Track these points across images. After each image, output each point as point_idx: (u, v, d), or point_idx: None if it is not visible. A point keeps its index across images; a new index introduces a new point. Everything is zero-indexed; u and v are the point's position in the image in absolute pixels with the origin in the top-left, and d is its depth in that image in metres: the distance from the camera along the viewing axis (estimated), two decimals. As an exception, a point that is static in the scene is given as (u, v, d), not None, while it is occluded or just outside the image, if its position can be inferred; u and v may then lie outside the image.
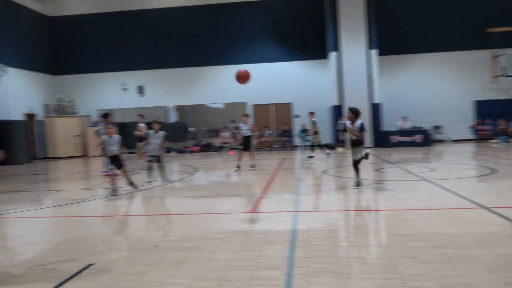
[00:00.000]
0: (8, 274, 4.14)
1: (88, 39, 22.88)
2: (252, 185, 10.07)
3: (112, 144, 8.65)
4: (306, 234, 5.09)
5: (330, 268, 3.91)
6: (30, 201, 8.97)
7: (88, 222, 6.64)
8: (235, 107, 22.21)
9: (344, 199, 7.70)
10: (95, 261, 4.39)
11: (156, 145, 10.54)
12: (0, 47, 18.72)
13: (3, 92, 18.78)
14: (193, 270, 3.99)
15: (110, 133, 8.67)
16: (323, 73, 21.63)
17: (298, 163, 14.72)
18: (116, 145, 8.70)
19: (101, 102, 22.85)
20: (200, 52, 22.39)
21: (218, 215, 6.54)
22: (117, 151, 8.71)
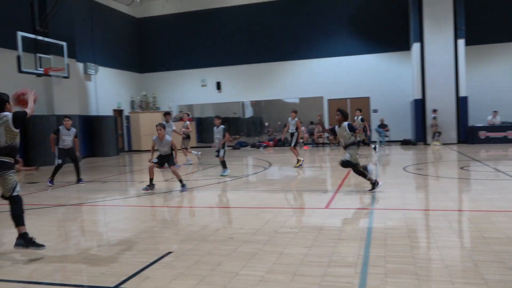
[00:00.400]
0: (95, 257, 4.47)
1: (171, 38, 23.98)
2: (327, 180, 9.92)
3: (163, 146, 8.61)
4: (382, 233, 4.91)
5: (408, 269, 3.73)
6: (116, 190, 9.63)
7: (167, 212, 6.97)
8: (311, 102, 22.03)
9: (424, 197, 7.31)
10: (173, 249, 4.59)
11: (217, 139, 10.65)
12: (93, 48, 20.26)
13: (95, 90, 20.37)
14: (266, 263, 4.02)
15: (160, 135, 8.56)
16: (404, 65, 20.67)
17: (375, 159, 14.24)
18: (166, 147, 8.61)
19: (181, 98, 23.90)
20: (276, 47, 22.47)
21: (292, 210, 6.53)
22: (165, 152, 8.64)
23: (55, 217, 6.89)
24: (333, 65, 21.69)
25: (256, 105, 23.25)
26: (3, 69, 14.93)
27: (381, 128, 20.00)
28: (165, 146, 8.61)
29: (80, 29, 19.08)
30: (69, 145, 10.25)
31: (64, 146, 10.20)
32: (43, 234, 5.73)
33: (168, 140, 8.61)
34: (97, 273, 3.95)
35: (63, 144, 10.18)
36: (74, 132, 10.36)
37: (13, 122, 4.50)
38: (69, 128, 10.28)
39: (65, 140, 10.19)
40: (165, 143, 8.60)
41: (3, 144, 4.48)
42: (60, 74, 14.74)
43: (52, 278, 3.89)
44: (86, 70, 19.60)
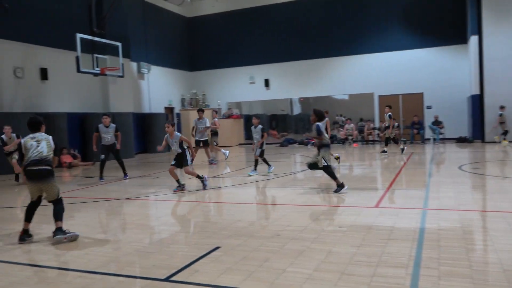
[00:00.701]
0: (147, 250, 4.63)
1: (220, 36, 24.30)
2: (378, 179, 9.69)
3: (173, 144, 8.48)
4: (435, 234, 4.72)
5: (463, 272, 3.56)
6: (167, 186, 9.90)
7: (215, 208, 7.08)
8: (361, 98, 21.58)
9: (481, 198, 6.96)
10: (221, 244, 4.66)
11: (256, 140, 10.61)
12: (146, 48, 20.95)
13: (147, 88, 21.06)
14: (313, 260, 3.99)
15: (169, 132, 8.45)
16: (461, 59, 19.73)
17: (429, 157, 13.73)
18: (175, 145, 8.45)
19: (230, 95, 24.18)
20: (325, 43, 22.17)
21: (340, 208, 6.44)
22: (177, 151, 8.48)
23: (109, 210, 7.20)
24: (384, 60, 21.10)
25: (304, 102, 23.09)
26: (64, 69, 15.78)
27: (435, 125, 19.24)
28: (174, 143, 8.43)
29: (134, 30, 19.78)
30: (109, 142, 10.64)
31: (105, 142, 10.65)
32: (97, 226, 6.01)
33: (177, 135, 8.44)
34: (149, 265, 4.08)
35: (104, 141, 10.64)
36: (114, 128, 10.74)
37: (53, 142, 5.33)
38: (107, 125, 10.67)
39: (105, 137, 10.61)
40: (174, 140, 8.43)
41: (44, 155, 5.18)
42: (115, 74, 15.36)
43: (107, 268, 4.07)
44: (140, 69, 20.30)
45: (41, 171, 5.10)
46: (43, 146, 5.18)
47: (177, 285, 3.54)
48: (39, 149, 5.15)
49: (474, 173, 9.54)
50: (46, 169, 5.14)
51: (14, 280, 3.85)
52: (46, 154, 5.17)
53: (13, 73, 14.13)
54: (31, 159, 5.10)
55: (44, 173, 5.13)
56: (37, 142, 5.19)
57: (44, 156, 5.15)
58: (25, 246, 4.98)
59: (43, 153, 5.15)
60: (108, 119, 10.74)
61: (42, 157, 5.13)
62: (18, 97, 14.33)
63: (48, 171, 5.16)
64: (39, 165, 5.10)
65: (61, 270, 4.09)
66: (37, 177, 5.11)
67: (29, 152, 5.14)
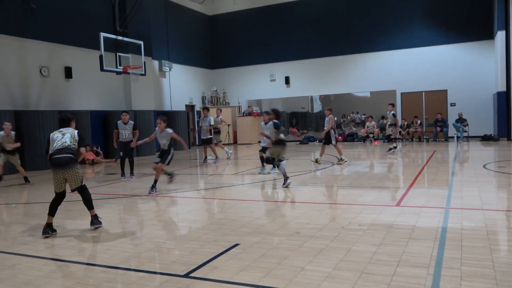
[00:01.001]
0: (167, 246, 4.68)
1: (241, 34, 24.35)
2: (399, 177, 9.57)
3: (162, 138, 8.52)
4: (458, 233, 4.64)
5: (486, 272, 3.49)
6: (187, 183, 10.00)
7: (235, 205, 7.11)
8: (382, 96, 21.29)
9: (507, 197, 6.80)
10: (240, 241, 4.68)
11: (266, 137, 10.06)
12: (168, 46, 21.15)
13: (169, 86, 21.27)
14: (332, 259, 3.97)
15: (161, 128, 8.52)
16: (486, 56, 19.27)
17: (452, 155, 13.47)
18: (165, 139, 8.50)
19: (250, 93, 24.21)
20: (346, 40, 21.96)
21: (361, 206, 6.38)
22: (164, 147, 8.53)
23: (130, 206, 7.31)
24: (406, 57, 20.77)
25: (325, 99, 22.92)
26: (88, 68, 16.08)
27: (459, 122, 18.85)
28: (164, 138, 8.50)
29: (156, 28, 19.99)
30: (127, 138, 10.83)
31: (122, 139, 10.83)
32: (118, 222, 6.11)
33: (168, 132, 8.50)
34: (169, 261, 4.13)
35: (122, 138, 10.82)
36: (132, 125, 10.90)
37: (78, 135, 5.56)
38: (126, 122, 10.84)
39: (123, 134, 10.80)
40: (164, 135, 8.50)
41: (67, 144, 5.38)
42: (137, 72, 15.56)
43: (128, 264, 4.14)
44: (161, 67, 20.51)
45: (63, 158, 5.28)
46: (67, 137, 5.44)
47: (197, 281, 3.58)
48: (63, 140, 5.40)
49: (499, 172, 9.31)
50: (68, 157, 5.31)
51: (39, 274, 3.96)
52: (69, 143, 5.38)
53: (39, 72, 14.48)
54: (55, 149, 5.33)
55: (66, 160, 5.29)
56: (62, 135, 5.47)
57: (66, 145, 5.35)
58: (48, 240, 5.11)
59: (66, 143, 5.38)
60: (127, 116, 10.92)
61: (64, 146, 5.34)
62: (44, 95, 14.68)
63: (71, 158, 5.32)
64: (61, 153, 5.30)
65: (84, 265, 4.18)
66: (59, 165, 5.28)
67: (54, 143, 5.39)
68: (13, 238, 5.29)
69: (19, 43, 13.88)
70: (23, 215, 6.89)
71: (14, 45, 13.75)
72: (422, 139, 19.77)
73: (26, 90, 14.09)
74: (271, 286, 3.39)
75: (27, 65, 14.13)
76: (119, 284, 3.62)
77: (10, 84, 13.63)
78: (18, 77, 13.86)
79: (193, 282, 3.56)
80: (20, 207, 7.66)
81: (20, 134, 13.23)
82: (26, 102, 14.04)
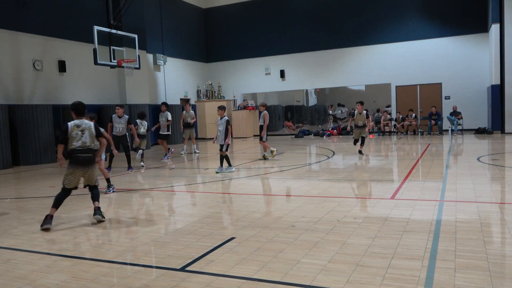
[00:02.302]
0: (163, 240, 4.69)
1: (235, 28, 24.26)
2: (394, 170, 9.61)
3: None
4: (452, 226, 4.68)
5: (480, 264, 3.52)
6: (183, 177, 9.99)
7: (230, 199, 7.12)
8: (378, 89, 21.34)
9: (500, 189, 6.85)
10: (236, 235, 4.69)
11: (219, 132, 9.68)
12: (162, 40, 21.03)
13: (163, 80, 21.18)
14: (328, 252, 3.99)
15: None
16: (481, 49, 19.34)
17: (446, 148, 13.55)
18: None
19: (246, 86, 24.17)
20: (341, 33, 21.95)
21: (355, 200, 6.41)
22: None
23: (125, 201, 7.29)
24: (401, 50, 20.80)
25: (320, 93, 22.93)
26: (82, 61, 15.97)
27: (453, 115, 18.94)
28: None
29: (150, 22, 19.86)
30: (120, 132, 10.85)
31: (116, 133, 10.83)
32: (114, 217, 6.10)
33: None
34: (165, 255, 4.14)
35: (116, 131, 10.83)
36: (126, 119, 10.90)
37: (95, 129, 5.73)
38: (120, 115, 10.87)
39: (117, 127, 10.83)
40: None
41: (88, 145, 5.63)
42: (131, 65, 15.47)
43: (124, 258, 4.14)
44: (156, 60, 20.41)
45: (87, 158, 5.61)
46: (86, 136, 5.62)
47: (193, 275, 3.58)
48: (83, 139, 5.60)
49: (493, 165, 9.38)
50: (90, 157, 5.64)
51: (34, 268, 3.95)
52: (89, 144, 5.63)
53: (33, 66, 14.36)
54: (76, 148, 5.55)
55: (89, 160, 5.64)
56: (81, 132, 5.62)
57: (87, 146, 5.62)
58: (45, 235, 5.10)
59: (86, 143, 5.61)
60: (121, 110, 10.94)
61: (86, 147, 5.60)
62: (37, 89, 14.57)
63: (92, 158, 5.66)
64: (85, 153, 5.59)
65: (80, 259, 4.17)
66: (83, 164, 5.59)
67: (74, 140, 5.57)
68: (8, 233, 5.28)
69: (11, 36, 13.75)
70: (17, 210, 6.86)
71: (7, 38, 13.62)
72: (416, 132, 19.85)
73: (19, 84, 13.98)
74: (267, 279, 3.41)
75: (20, 59, 14.01)
76: (115, 278, 3.62)
77: (3, 78, 13.52)
78: (11, 71, 13.74)
79: (189, 276, 3.57)
80: (14, 202, 7.63)
81: (13, 128, 13.17)
82: (19, 96, 13.94)
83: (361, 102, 12.44)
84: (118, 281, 3.54)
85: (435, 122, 19.15)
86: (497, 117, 18.02)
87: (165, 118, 13.58)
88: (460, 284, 3.14)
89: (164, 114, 13.60)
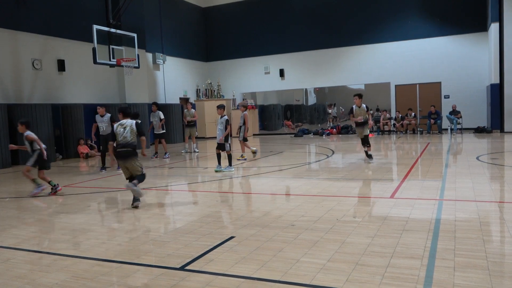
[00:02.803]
0: (162, 239, 4.69)
1: (235, 27, 24.25)
2: (393, 169, 9.62)
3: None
4: (451, 225, 4.68)
5: (479, 263, 3.53)
6: (183, 176, 9.99)
7: (230, 198, 7.12)
8: (377, 88, 21.34)
9: (499, 188, 6.86)
10: (236, 234, 4.69)
11: (219, 131, 9.78)
12: (161, 39, 21.01)
13: (163, 79, 21.16)
14: (327, 251, 4.00)
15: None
16: (480, 48, 19.35)
17: (446, 147, 13.56)
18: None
19: (245, 85, 24.16)
20: (341, 32, 21.94)
21: (355, 199, 6.41)
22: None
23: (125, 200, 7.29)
24: (401, 49, 20.80)
25: (319, 92, 22.93)
26: (81, 60, 15.96)
27: (452, 115, 18.94)
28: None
29: (149, 21, 19.83)
30: (105, 132, 10.93)
31: (102, 132, 10.98)
32: (113, 216, 6.10)
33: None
34: (164, 254, 4.14)
35: (102, 131, 10.97)
36: (109, 117, 11.00)
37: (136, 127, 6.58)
38: (102, 114, 10.99)
39: (102, 127, 10.96)
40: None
41: (128, 139, 6.42)
42: (131, 65, 15.45)
43: (123, 257, 4.14)
44: (155, 60, 20.40)
45: (124, 152, 6.40)
46: (127, 131, 6.45)
47: (192, 274, 3.59)
48: (125, 135, 6.44)
49: (492, 164, 9.39)
50: (128, 151, 6.40)
51: (34, 268, 3.95)
52: (130, 139, 6.44)
53: (32, 65, 14.35)
54: (119, 143, 6.44)
55: (128, 153, 6.40)
56: (124, 129, 6.47)
57: (128, 141, 6.42)
58: (44, 235, 5.10)
59: (127, 138, 6.43)
60: (102, 109, 11.08)
61: (126, 142, 6.41)
62: (36, 88, 14.56)
63: (130, 152, 6.42)
64: (124, 147, 6.39)
65: (80, 258, 4.17)
66: (122, 157, 6.43)
67: (118, 137, 6.46)
68: (7, 232, 5.28)
69: (11, 35, 13.73)
70: (16, 209, 6.86)
71: (6, 37, 13.60)
72: (416, 131, 19.86)
73: (18, 83, 13.96)
74: (266, 278, 3.41)
75: (19, 58, 13.99)
76: (115, 277, 3.62)
77: (2, 77, 13.50)
78: (10, 70, 13.72)
79: (189, 275, 3.57)
80: (13, 201, 7.62)
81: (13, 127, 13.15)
82: (18, 96, 13.92)
83: (358, 95, 10.68)
84: (117, 280, 3.54)
85: (434, 121, 19.15)
86: (496, 116, 18.03)
87: (157, 117, 13.67)
88: (460, 283, 3.15)
89: (156, 113, 13.66)
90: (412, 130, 20.08)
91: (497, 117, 18.00)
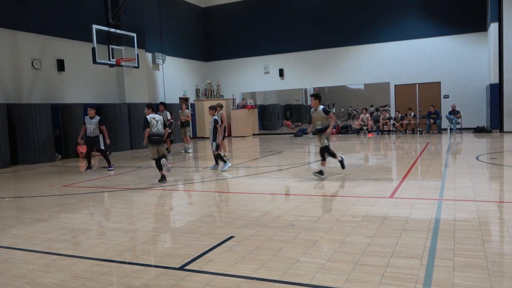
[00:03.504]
0: (162, 239, 4.69)
1: (235, 27, 24.23)
2: (393, 169, 9.61)
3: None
4: (451, 225, 4.68)
5: (479, 263, 3.53)
6: (182, 175, 9.98)
7: (230, 198, 7.12)
8: (376, 88, 21.34)
9: (499, 188, 6.86)
10: (235, 234, 4.69)
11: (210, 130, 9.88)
12: (161, 39, 21.01)
13: (162, 79, 21.15)
14: (327, 251, 4.00)
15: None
16: (479, 47, 19.35)
17: (445, 147, 13.56)
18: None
19: (245, 85, 24.15)
20: (340, 32, 21.94)
21: (354, 198, 6.41)
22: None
23: (124, 200, 7.29)
24: (400, 49, 20.80)
25: (319, 92, 22.90)
26: (80, 60, 15.95)
27: (452, 114, 18.95)
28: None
29: (149, 20, 19.83)
30: (92, 133, 11.01)
31: (88, 133, 11.06)
32: (113, 216, 6.10)
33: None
34: (164, 254, 4.14)
35: (88, 132, 11.04)
36: (98, 119, 11.03)
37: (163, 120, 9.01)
38: (92, 116, 11.03)
39: (89, 128, 11.02)
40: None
41: (159, 130, 8.78)
42: (130, 64, 15.45)
43: (123, 257, 4.14)
44: (155, 59, 20.39)
45: (158, 139, 8.73)
46: (159, 125, 8.80)
47: (192, 274, 3.58)
48: (158, 126, 8.76)
49: (492, 164, 9.39)
50: (160, 138, 8.77)
51: (33, 268, 3.95)
52: (160, 130, 8.79)
53: (31, 65, 14.34)
54: (153, 133, 8.68)
55: (159, 140, 8.76)
56: (156, 122, 8.76)
57: (159, 131, 8.77)
58: (43, 235, 5.09)
59: (159, 129, 8.79)
60: (93, 111, 11.10)
61: (159, 132, 8.77)
62: (36, 88, 14.55)
63: (161, 139, 8.77)
64: (156, 136, 8.72)
65: (79, 258, 4.17)
66: (156, 143, 8.69)
67: (152, 128, 8.69)
68: (7, 232, 5.27)
69: (10, 35, 13.72)
70: (16, 209, 6.85)
71: (5, 37, 13.59)
72: (415, 131, 19.86)
73: (18, 83, 13.96)
74: (266, 278, 3.41)
75: (18, 57, 13.99)
76: (114, 277, 3.62)
77: (2, 77, 13.50)
78: (9, 70, 13.72)
79: (188, 275, 3.57)
80: (13, 201, 7.62)
81: (12, 127, 13.16)
82: (18, 95, 13.92)
83: (314, 96, 8.66)
84: (117, 280, 3.54)
85: (434, 121, 19.15)
86: (495, 116, 18.04)
87: (165, 117, 13.56)
88: (459, 283, 3.15)
89: (164, 114, 13.59)
90: (411, 130, 20.08)
91: (497, 117, 18.01)
